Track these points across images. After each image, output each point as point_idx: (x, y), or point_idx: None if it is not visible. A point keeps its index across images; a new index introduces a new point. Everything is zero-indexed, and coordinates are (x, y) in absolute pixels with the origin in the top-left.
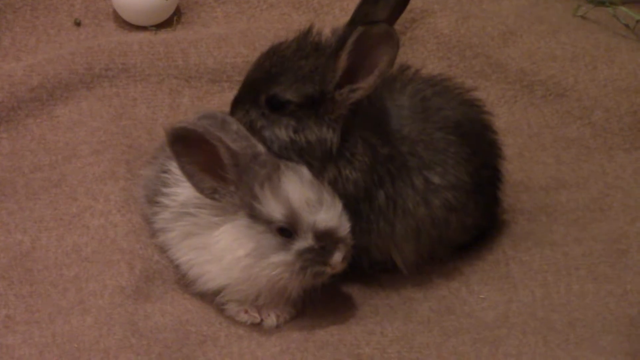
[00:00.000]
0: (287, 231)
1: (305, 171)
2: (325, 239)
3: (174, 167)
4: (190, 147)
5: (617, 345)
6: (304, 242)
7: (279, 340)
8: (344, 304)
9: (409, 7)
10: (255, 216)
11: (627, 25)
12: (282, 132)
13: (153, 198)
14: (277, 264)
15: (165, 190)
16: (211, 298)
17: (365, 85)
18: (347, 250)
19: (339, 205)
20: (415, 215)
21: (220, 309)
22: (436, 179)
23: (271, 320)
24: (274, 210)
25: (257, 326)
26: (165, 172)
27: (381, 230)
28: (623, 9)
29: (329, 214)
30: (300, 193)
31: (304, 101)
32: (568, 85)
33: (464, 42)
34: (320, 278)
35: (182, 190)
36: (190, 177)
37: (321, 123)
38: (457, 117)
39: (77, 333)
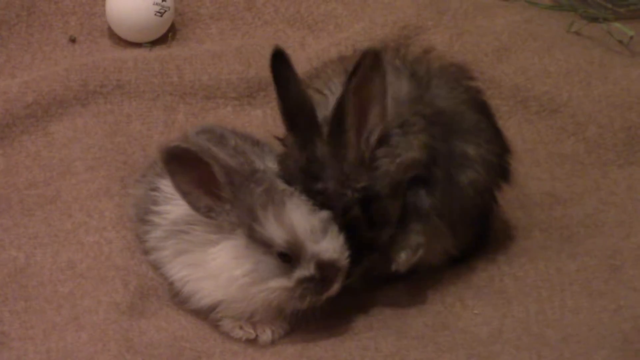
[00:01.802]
0: (287, 256)
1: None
2: (327, 269)
3: (163, 184)
4: (184, 165)
5: None
6: (306, 271)
7: (273, 356)
8: (339, 320)
9: (403, 23)
10: (255, 237)
11: (620, 42)
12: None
13: (144, 217)
14: (275, 289)
15: (155, 208)
16: (206, 314)
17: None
18: (343, 278)
19: (341, 235)
20: (455, 181)
21: (215, 325)
22: (470, 151)
23: (266, 336)
24: (277, 235)
25: (252, 342)
26: (154, 190)
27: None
28: (617, 25)
29: (333, 244)
30: (305, 221)
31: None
32: (562, 101)
33: (458, 58)
34: (315, 304)
35: (172, 208)
36: (185, 195)
37: None
38: (481, 99)
39: (72, 349)
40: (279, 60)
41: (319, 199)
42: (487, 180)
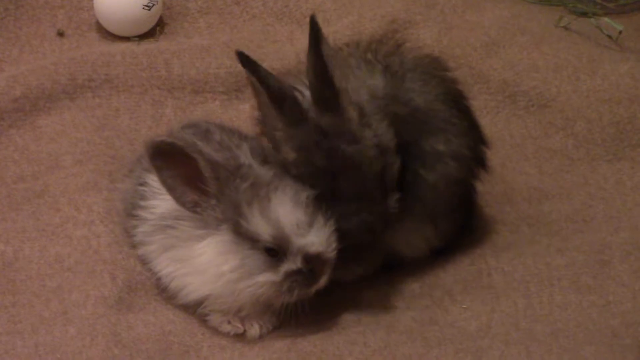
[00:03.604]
0: (273, 251)
1: (295, 190)
2: (314, 262)
3: (151, 179)
4: (170, 160)
5: (599, 356)
6: (293, 264)
7: (261, 350)
8: (327, 314)
9: (391, 18)
10: (241, 232)
11: (609, 36)
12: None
13: (131, 211)
14: (263, 283)
15: (143, 203)
16: (194, 309)
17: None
18: (331, 270)
19: (329, 226)
20: (424, 181)
21: (203, 320)
22: (441, 147)
23: (254, 330)
24: (263, 231)
25: (240, 337)
26: (142, 185)
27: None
28: (606, 19)
29: (319, 237)
30: (291, 215)
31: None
32: (551, 96)
33: (446, 53)
34: (304, 297)
35: (160, 203)
36: (171, 190)
37: None
38: (454, 92)
39: (60, 343)
40: (248, 60)
41: (337, 169)
42: (459, 173)
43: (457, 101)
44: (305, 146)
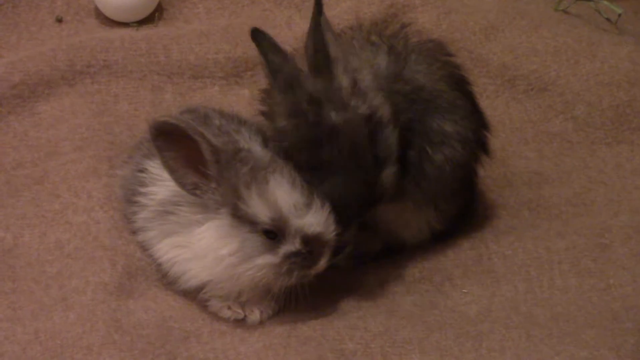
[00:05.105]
0: (272, 233)
1: (293, 172)
2: (312, 243)
3: (150, 165)
4: (172, 141)
5: (600, 339)
6: (291, 245)
7: (262, 336)
8: (327, 299)
9: (390, 1)
10: (239, 216)
11: (608, 20)
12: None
13: (131, 198)
14: (262, 266)
15: (142, 189)
16: (194, 294)
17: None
18: (330, 252)
19: (326, 208)
20: (430, 160)
21: (204, 306)
22: (448, 127)
23: (255, 316)
24: (261, 213)
25: (240, 322)
26: (141, 171)
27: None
28: (605, 2)
29: (317, 218)
30: (288, 197)
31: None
32: (550, 80)
33: (445, 37)
34: (304, 279)
35: (159, 189)
36: (172, 172)
37: None
38: (458, 75)
39: (60, 330)
40: (258, 33)
41: (323, 137)
42: (463, 155)
43: (460, 84)
44: (295, 113)
